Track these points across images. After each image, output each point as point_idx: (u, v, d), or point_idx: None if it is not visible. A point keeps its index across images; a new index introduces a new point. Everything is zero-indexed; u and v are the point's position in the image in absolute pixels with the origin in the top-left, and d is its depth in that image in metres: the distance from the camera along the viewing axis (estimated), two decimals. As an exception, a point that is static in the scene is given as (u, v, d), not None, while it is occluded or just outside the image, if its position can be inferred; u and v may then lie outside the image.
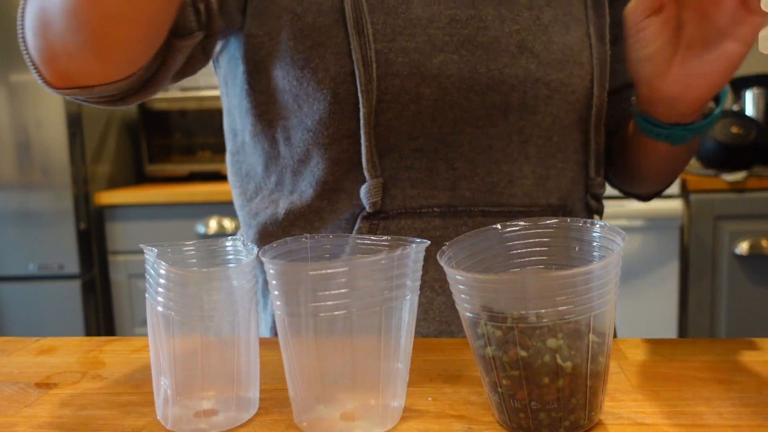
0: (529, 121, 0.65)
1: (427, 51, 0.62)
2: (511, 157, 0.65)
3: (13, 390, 0.52)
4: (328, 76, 0.62)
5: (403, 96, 0.62)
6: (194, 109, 2.38)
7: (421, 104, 0.63)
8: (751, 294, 1.95)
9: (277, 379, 0.52)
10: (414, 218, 0.64)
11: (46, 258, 2.16)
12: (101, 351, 0.60)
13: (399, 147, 0.64)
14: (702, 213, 1.95)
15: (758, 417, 0.42)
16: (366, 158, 0.63)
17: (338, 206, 0.66)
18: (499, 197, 0.66)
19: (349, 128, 0.63)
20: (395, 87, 0.62)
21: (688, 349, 0.55)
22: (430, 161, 0.64)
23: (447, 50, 0.63)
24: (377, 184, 0.63)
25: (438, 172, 0.64)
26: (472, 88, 0.63)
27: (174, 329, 0.42)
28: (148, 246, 0.44)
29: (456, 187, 0.65)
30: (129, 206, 2.20)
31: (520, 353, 0.39)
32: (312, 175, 0.66)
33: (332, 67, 0.62)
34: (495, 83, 0.63)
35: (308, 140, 0.65)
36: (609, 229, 0.42)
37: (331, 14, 0.62)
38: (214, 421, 0.44)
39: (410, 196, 0.64)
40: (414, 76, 0.62)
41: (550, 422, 0.40)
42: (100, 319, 2.26)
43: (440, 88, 0.63)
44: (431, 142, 0.64)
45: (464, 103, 0.63)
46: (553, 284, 0.38)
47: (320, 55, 0.62)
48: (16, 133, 2.12)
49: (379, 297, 0.40)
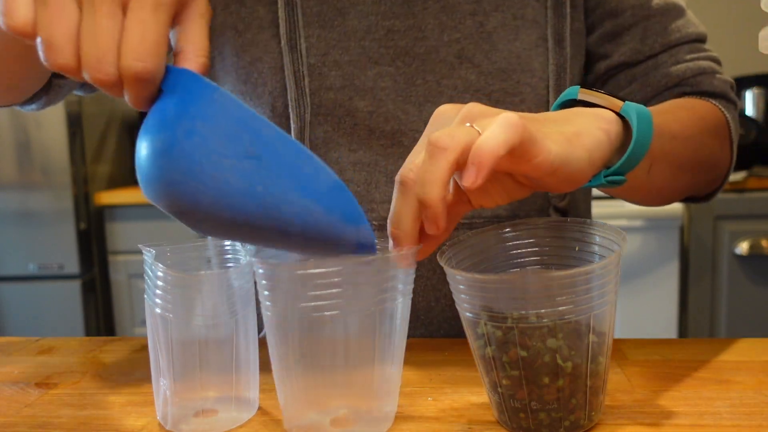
0: None
1: (361, 63, 0.62)
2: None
3: (13, 390, 0.52)
4: (266, 91, 0.64)
5: (337, 109, 0.63)
6: (194, 109, 2.38)
7: (356, 117, 0.63)
8: (751, 294, 1.95)
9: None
10: None
11: (46, 258, 2.15)
12: (101, 351, 0.60)
13: (338, 160, 0.64)
14: (702, 213, 1.94)
15: (758, 417, 0.42)
16: None
17: None
18: None
19: None
20: (329, 100, 0.63)
21: (688, 349, 0.55)
22: (369, 174, 0.64)
23: (382, 62, 0.63)
24: None
25: (377, 185, 0.64)
26: (408, 100, 0.63)
27: (172, 330, 0.42)
28: (146, 246, 0.44)
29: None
30: (129, 206, 2.20)
31: (520, 353, 0.39)
32: None
33: (269, 81, 0.63)
34: (431, 95, 0.63)
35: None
36: (609, 229, 0.42)
37: (269, 29, 0.63)
38: (213, 422, 0.44)
39: None
40: (347, 89, 0.63)
41: (550, 422, 0.40)
42: (100, 319, 2.26)
43: (375, 101, 0.63)
44: (370, 154, 0.64)
45: (401, 115, 0.63)
46: (553, 284, 0.38)
47: (258, 70, 0.64)
48: (16, 133, 2.12)
49: (370, 300, 0.40)
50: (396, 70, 0.63)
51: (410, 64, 0.63)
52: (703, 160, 0.62)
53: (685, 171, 0.60)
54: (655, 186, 0.58)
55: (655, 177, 0.55)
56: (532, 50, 0.64)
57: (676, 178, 0.60)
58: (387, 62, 0.63)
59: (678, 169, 0.59)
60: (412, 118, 0.63)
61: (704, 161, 0.62)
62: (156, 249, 0.44)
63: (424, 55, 0.63)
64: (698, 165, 0.62)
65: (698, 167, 0.62)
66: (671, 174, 0.58)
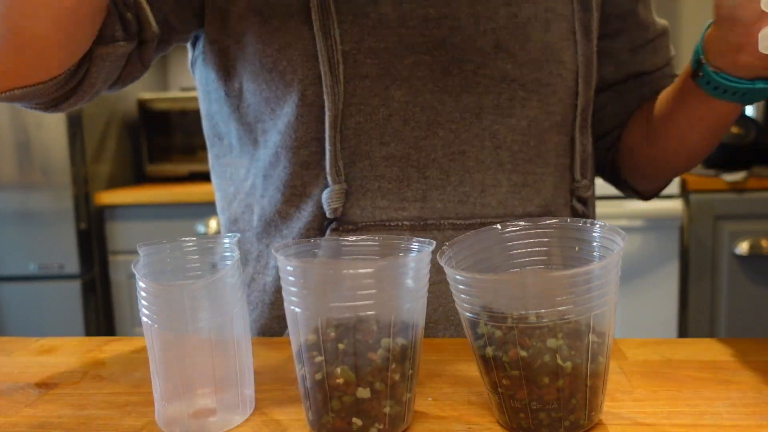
0: (503, 125, 0.64)
1: (398, 52, 0.61)
2: (483, 164, 0.64)
3: (13, 390, 0.52)
4: (296, 79, 0.62)
5: (372, 99, 0.62)
6: (194, 109, 2.38)
7: (391, 107, 0.62)
8: (751, 294, 1.95)
9: (276, 379, 0.52)
10: (384, 231, 0.63)
11: (46, 258, 2.15)
12: (101, 351, 0.60)
13: (369, 153, 0.62)
14: (702, 213, 1.94)
15: (758, 417, 0.42)
16: (330, 162, 0.62)
17: (305, 213, 0.65)
18: (471, 208, 0.64)
19: (318, 131, 0.62)
20: (364, 89, 0.61)
21: (688, 349, 0.55)
22: (401, 169, 0.63)
23: (419, 51, 0.62)
24: (340, 190, 0.62)
25: (409, 182, 0.63)
26: (444, 89, 0.62)
27: (165, 332, 0.42)
28: (144, 245, 0.44)
29: (427, 198, 0.63)
30: (129, 206, 2.20)
31: (520, 353, 0.39)
32: (279, 179, 0.65)
33: (299, 69, 0.62)
34: (468, 85, 0.62)
35: (278, 143, 0.65)
36: (609, 229, 0.42)
37: (298, 15, 0.62)
38: (209, 422, 0.44)
39: (380, 207, 0.63)
40: (384, 77, 0.61)
41: (550, 422, 0.40)
42: (100, 319, 2.26)
43: (411, 90, 0.62)
44: (402, 147, 0.63)
45: (437, 105, 0.62)
46: (553, 284, 0.38)
47: (287, 58, 0.62)
48: (16, 133, 2.12)
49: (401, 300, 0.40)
50: (432, 59, 0.62)
51: (446, 53, 0.62)
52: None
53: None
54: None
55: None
56: (563, 42, 0.66)
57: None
58: (423, 51, 0.62)
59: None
60: (448, 108, 0.63)
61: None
62: (156, 246, 0.44)
63: (460, 45, 0.62)
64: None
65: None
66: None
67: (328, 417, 0.41)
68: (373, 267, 0.39)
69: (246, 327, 0.45)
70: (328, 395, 0.40)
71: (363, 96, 0.61)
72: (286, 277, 0.41)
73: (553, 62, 0.65)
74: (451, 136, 0.63)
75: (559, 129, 0.67)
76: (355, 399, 0.40)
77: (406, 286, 0.40)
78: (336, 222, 0.63)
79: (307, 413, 0.42)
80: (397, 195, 0.63)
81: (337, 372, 0.40)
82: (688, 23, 2.43)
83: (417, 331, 0.42)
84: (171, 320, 0.41)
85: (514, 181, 0.65)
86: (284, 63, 0.62)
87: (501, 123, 0.64)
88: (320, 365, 0.40)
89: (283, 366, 0.55)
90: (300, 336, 0.41)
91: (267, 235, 0.68)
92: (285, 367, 0.54)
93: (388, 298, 0.40)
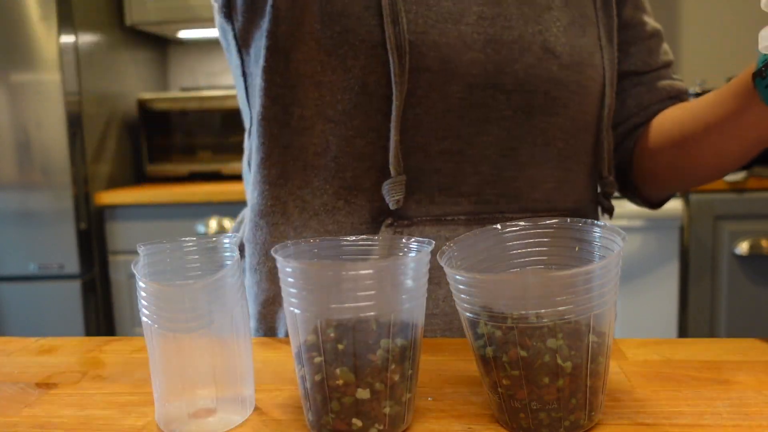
0: (551, 124, 0.65)
1: (458, 47, 0.61)
2: (534, 160, 0.65)
3: (13, 390, 0.52)
4: (357, 65, 0.60)
5: (432, 92, 0.61)
6: (194, 109, 2.38)
7: (448, 102, 0.62)
8: (751, 294, 1.95)
9: (276, 379, 0.52)
10: (439, 226, 0.63)
11: (46, 258, 2.15)
12: (101, 351, 0.60)
13: (425, 147, 0.62)
14: (702, 213, 1.94)
15: (758, 417, 0.42)
16: (392, 153, 0.61)
17: (355, 207, 0.64)
18: (522, 203, 0.65)
19: (375, 121, 0.61)
20: (425, 82, 0.61)
21: (688, 349, 0.55)
22: (456, 164, 0.63)
23: (475, 48, 0.62)
24: (401, 181, 0.61)
25: (464, 177, 0.63)
26: (497, 87, 0.62)
27: (165, 332, 0.42)
28: (144, 245, 0.44)
29: (481, 193, 0.64)
30: (129, 206, 2.20)
31: (520, 353, 0.39)
32: (328, 170, 0.63)
33: (362, 55, 0.60)
34: (520, 84, 0.63)
35: (328, 131, 0.62)
36: (609, 229, 0.42)
37: (361, 0, 0.60)
38: (209, 422, 0.44)
39: (436, 202, 0.63)
40: (444, 72, 0.61)
41: (550, 422, 0.40)
42: (100, 319, 2.26)
43: (467, 87, 0.62)
44: (458, 142, 0.63)
45: (490, 102, 0.63)
46: (553, 284, 0.38)
47: (349, 43, 0.60)
48: (16, 133, 2.12)
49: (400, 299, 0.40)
50: (486, 57, 0.62)
51: (500, 52, 0.62)
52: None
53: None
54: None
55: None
56: (594, 46, 0.68)
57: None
58: (479, 48, 0.62)
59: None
60: (501, 105, 0.63)
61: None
62: (156, 245, 0.44)
63: (512, 44, 0.63)
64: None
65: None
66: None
67: (328, 418, 0.41)
68: (373, 267, 0.39)
69: (246, 327, 0.45)
70: (328, 396, 0.40)
71: (424, 89, 0.61)
72: (285, 278, 0.41)
73: (588, 65, 0.67)
74: (503, 134, 0.64)
75: (590, 129, 0.69)
76: (355, 400, 0.40)
77: (406, 287, 0.40)
78: (391, 217, 0.63)
79: (307, 414, 0.42)
80: (453, 189, 0.63)
81: (336, 373, 0.40)
82: (688, 23, 2.43)
83: (416, 331, 0.42)
84: (171, 320, 0.41)
85: (558, 177, 0.67)
86: (345, 47, 0.60)
87: (548, 122, 0.65)
88: (320, 366, 0.40)
89: (283, 366, 0.55)
90: (299, 337, 0.41)
91: (307, 228, 0.65)
92: (285, 367, 0.54)
93: (388, 298, 0.40)
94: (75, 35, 2.12)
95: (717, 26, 2.40)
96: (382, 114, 0.61)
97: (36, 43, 2.04)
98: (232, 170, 2.35)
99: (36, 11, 2.02)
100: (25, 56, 2.04)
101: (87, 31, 2.20)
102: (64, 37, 2.05)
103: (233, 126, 2.35)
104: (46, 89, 2.05)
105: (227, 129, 2.36)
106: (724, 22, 2.39)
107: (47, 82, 2.05)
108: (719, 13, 2.41)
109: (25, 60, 2.05)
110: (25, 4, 2.02)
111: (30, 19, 2.03)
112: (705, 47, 2.37)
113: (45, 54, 2.04)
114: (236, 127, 2.34)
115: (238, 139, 2.34)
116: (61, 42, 2.04)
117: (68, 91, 2.08)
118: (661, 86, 0.75)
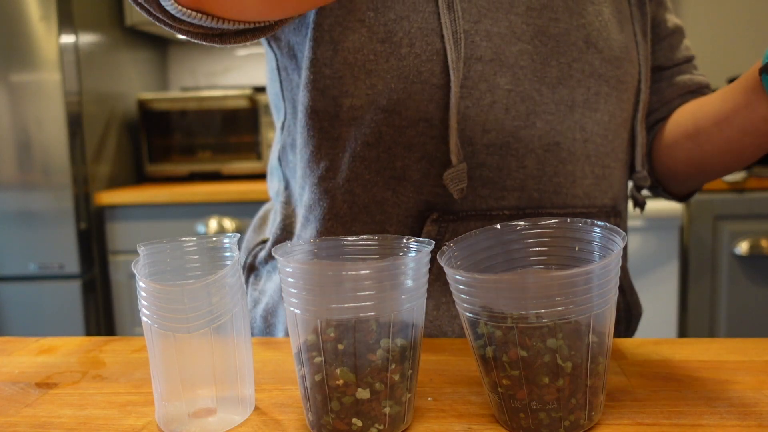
0: (591, 119, 0.65)
1: (507, 38, 0.61)
2: (574, 155, 0.65)
3: (13, 390, 0.52)
4: (412, 53, 0.59)
5: (481, 83, 0.60)
6: (194, 109, 2.38)
7: (496, 94, 0.61)
8: (751, 294, 1.95)
9: (276, 379, 0.52)
10: (484, 221, 0.62)
11: (46, 258, 2.15)
12: (101, 351, 0.60)
13: (472, 140, 0.61)
14: (702, 213, 1.94)
15: (758, 417, 0.42)
16: (453, 141, 0.60)
17: (403, 199, 0.62)
18: (564, 198, 0.65)
19: (428, 110, 0.60)
20: (476, 72, 0.60)
21: (688, 349, 0.55)
22: (501, 158, 0.62)
23: (524, 39, 0.61)
24: (463, 169, 0.60)
25: (509, 171, 0.62)
26: (542, 80, 0.62)
27: (165, 332, 0.42)
28: (144, 245, 0.44)
29: (524, 188, 0.63)
30: (129, 206, 2.20)
31: (520, 353, 0.39)
32: (378, 161, 0.62)
33: (417, 43, 0.59)
34: (564, 77, 0.63)
35: (380, 121, 0.61)
36: (609, 229, 0.42)
37: None
38: (209, 422, 0.44)
39: (481, 196, 0.62)
40: (494, 63, 0.60)
41: (550, 422, 0.40)
42: (100, 319, 2.26)
43: (514, 79, 0.61)
44: (503, 135, 0.62)
45: (535, 95, 0.62)
46: (553, 284, 0.38)
47: (404, 30, 0.59)
48: (16, 133, 2.12)
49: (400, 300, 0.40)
50: (534, 48, 0.62)
51: (546, 44, 0.62)
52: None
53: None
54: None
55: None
56: (631, 42, 0.68)
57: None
58: (527, 40, 0.62)
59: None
60: (545, 99, 0.63)
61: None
62: (156, 245, 0.44)
63: (557, 37, 0.63)
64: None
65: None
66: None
67: (328, 418, 0.41)
68: (373, 268, 0.39)
69: (246, 327, 0.45)
70: (328, 396, 0.40)
71: (473, 79, 0.60)
72: (285, 278, 0.41)
73: (627, 61, 0.67)
74: (547, 128, 0.63)
75: (626, 125, 0.70)
76: (355, 399, 0.40)
77: (406, 287, 0.40)
78: (437, 212, 0.62)
79: (307, 414, 0.42)
80: (498, 184, 0.63)
81: (336, 373, 0.40)
82: (687, 23, 2.43)
83: (416, 331, 0.42)
84: (171, 320, 0.41)
85: (596, 173, 0.67)
86: (400, 35, 0.59)
87: (589, 117, 0.65)
88: (320, 366, 0.40)
89: (283, 366, 0.55)
90: (299, 336, 0.41)
91: (355, 221, 0.64)
92: (285, 367, 0.54)
93: (388, 298, 0.40)
94: (75, 35, 2.12)
95: (717, 26, 2.40)
96: (434, 103, 0.60)
97: (36, 43, 2.04)
98: (232, 170, 2.35)
99: (36, 11, 2.02)
100: (25, 56, 2.04)
101: (87, 31, 2.20)
102: (64, 37, 2.05)
103: (233, 126, 2.35)
104: (46, 89, 2.05)
105: (227, 129, 2.36)
106: (724, 22, 2.39)
107: (47, 82, 2.05)
108: (720, 13, 2.41)
109: (25, 60, 2.05)
110: (25, 4, 2.02)
111: (30, 19, 2.03)
112: (705, 47, 2.37)
113: (45, 54, 2.04)
114: (236, 127, 2.34)
115: (238, 139, 2.34)
116: (62, 42, 2.04)
117: (68, 91, 2.08)
118: (681, 81, 0.76)
